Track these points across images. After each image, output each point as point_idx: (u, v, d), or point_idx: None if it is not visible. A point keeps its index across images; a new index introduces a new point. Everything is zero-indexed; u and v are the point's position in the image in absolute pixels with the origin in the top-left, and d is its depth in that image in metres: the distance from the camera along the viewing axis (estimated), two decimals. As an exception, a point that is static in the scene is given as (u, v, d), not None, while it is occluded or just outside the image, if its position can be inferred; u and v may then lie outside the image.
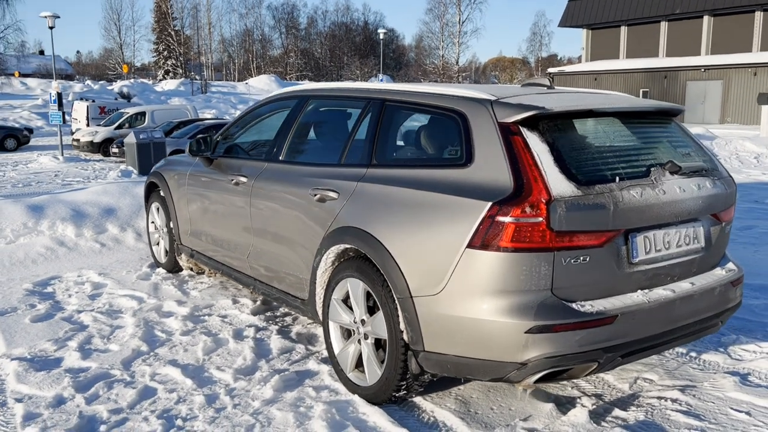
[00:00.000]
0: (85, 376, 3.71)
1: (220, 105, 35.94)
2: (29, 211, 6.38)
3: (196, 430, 3.15)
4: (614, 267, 2.89)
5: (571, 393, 3.50)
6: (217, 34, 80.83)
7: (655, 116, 3.42)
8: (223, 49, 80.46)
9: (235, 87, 52.62)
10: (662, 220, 3.02)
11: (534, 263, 2.74)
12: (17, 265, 5.90)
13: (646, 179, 2.99)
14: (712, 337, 4.26)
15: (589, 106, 3.04)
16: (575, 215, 2.76)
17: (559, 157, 2.85)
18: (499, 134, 2.91)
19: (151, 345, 4.17)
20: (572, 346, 2.76)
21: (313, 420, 3.17)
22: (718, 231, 3.34)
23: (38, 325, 4.50)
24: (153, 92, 40.86)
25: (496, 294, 2.78)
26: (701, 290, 3.15)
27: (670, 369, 3.79)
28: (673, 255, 3.10)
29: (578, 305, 2.80)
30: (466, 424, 3.14)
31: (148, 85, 44.49)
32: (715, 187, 3.28)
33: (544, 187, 2.74)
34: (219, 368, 3.83)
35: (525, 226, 2.71)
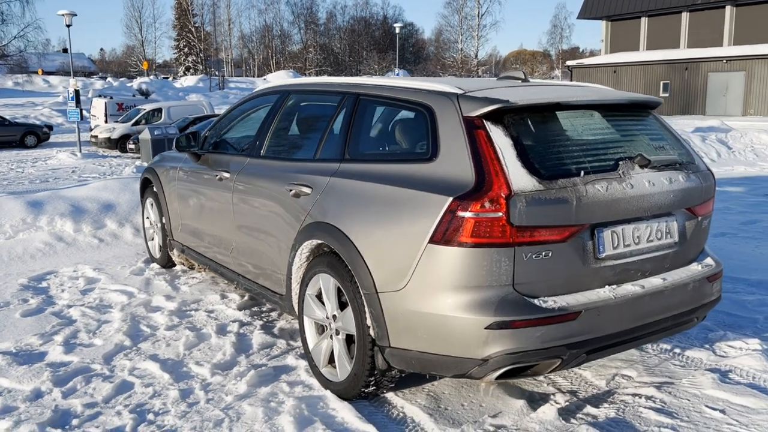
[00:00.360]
0: (65, 371, 3.75)
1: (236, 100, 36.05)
2: (28, 206, 6.48)
3: (166, 424, 3.17)
4: (579, 262, 2.84)
5: (546, 389, 3.47)
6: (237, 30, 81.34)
7: (630, 109, 3.36)
8: (243, 45, 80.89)
9: (253, 83, 52.87)
10: (631, 215, 2.97)
11: (494, 259, 2.71)
12: (15, 260, 6.00)
13: (613, 173, 2.94)
14: (699, 333, 4.20)
15: (556, 99, 3.00)
16: (536, 210, 2.72)
17: (523, 151, 2.81)
18: (464, 128, 2.88)
19: (134, 340, 4.22)
20: (533, 343, 2.73)
21: (282, 415, 3.18)
22: (693, 225, 3.28)
23: (27, 320, 4.57)
24: (172, 89, 41.24)
25: (457, 290, 2.76)
26: (673, 286, 3.10)
27: (651, 365, 3.74)
28: (643, 250, 3.04)
29: (540, 301, 2.77)
30: (434, 421, 3.12)
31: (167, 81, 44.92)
32: (689, 180, 3.21)
33: (505, 182, 2.71)
34: (198, 363, 3.85)
35: (485, 221, 2.69)
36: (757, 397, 3.26)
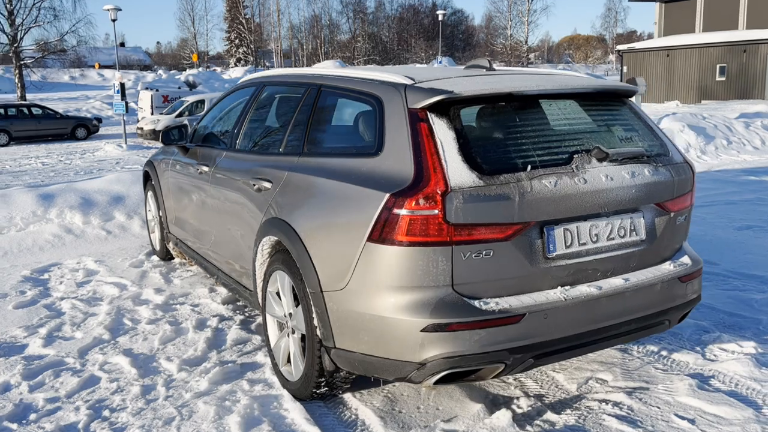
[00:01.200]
0: (38, 364, 3.80)
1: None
2: (39, 199, 6.63)
3: (118, 422, 3.16)
4: (525, 262, 2.68)
5: (512, 393, 3.32)
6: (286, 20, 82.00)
7: (598, 98, 3.15)
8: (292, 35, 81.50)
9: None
10: (588, 212, 2.79)
11: (431, 258, 2.58)
12: (24, 251, 6.15)
13: (565, 167, 2.75)
14: (692, 335, 3.96)
15: (508, 90, 2.83)
16: (476, 207, 2.57)
17: (466, 145, 2.66)
18: (407, 120, 2.75)
19: (114, 333, 4.25)
20: (472, 347, 2.59)
21: (232, 415, 3.13)
22: (665, 222, 3.06)
23: (18, 312, 4.66)
24: (219, 80, 41.89)
25: (394, 290, 2.64)
26: (636, 287, 2.90)
27: (630, 369, 3.54)
28: (602, 249, 2.85)
29: (482, 303, 2.62)
30: (383, 424, 3.02)
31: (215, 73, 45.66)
32: (657, 174, 2.99)
33: (442, 178, 2.57)
34: (168, 358, 3.84)
35: (420, 219, 2.56)
36: (732, 407, 3.03)
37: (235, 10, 77.67)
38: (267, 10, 78.73)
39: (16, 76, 30.61)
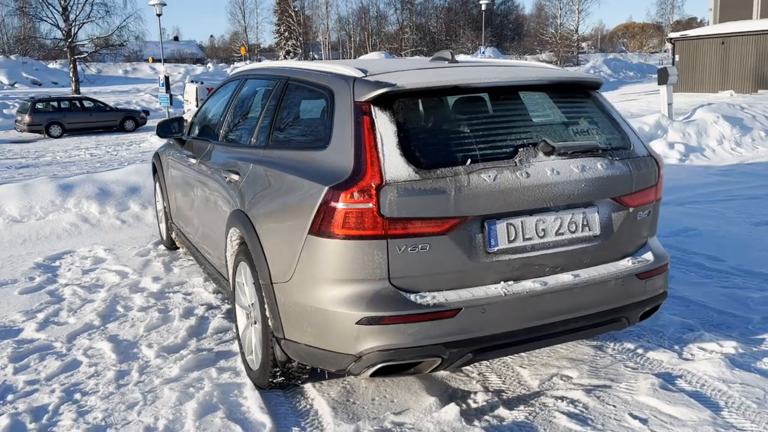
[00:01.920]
0: (27, 348, 3.98)
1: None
2: (59, 189, 6.89)
3: (86, 405, 3.28)
4: (464, 257, 2.66)
5: (472, 387, 3.30)
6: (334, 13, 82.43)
7: (558, 90, 3.09)
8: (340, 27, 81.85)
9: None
10: (532, 206, 2.74)
11: (367, 251, 2.59)
12: (42, 239, 6.41)
13: (507, 161, 2.71)
14: (674, 332, 3.86)
15: (454, 82, 2.80)
16: (411, 201, 2.57)
17: (406, 139, 2.66)
18: (353, 114, 2.77)
19: (105, 320, 4.40)
20: (406, 340, 2.60)
21: (191, 401, 3.21)
22: (624, 217, 2.98)
23: (22, 297, 4.88)
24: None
25: (333, 283, 2.67)
26: (586, 283, 2.84)
27: (599, 366, 3.47)
28: (550, 244, 2.81)
29: (418, 296, 2.62)
30: (334, 414, 3.05)
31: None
32: (612, 168, 2.92)
33: (378, 171, 2.58)
34: (149, 345, 3.96)
35: (355, 212, 2.57)
36: (690, 408, 2.95)
37: (284, 2, 78.43)
38: (316, 2, 79.29)
39: (71, 70, 31.78)
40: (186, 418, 3.07)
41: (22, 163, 15.99)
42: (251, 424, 3.01)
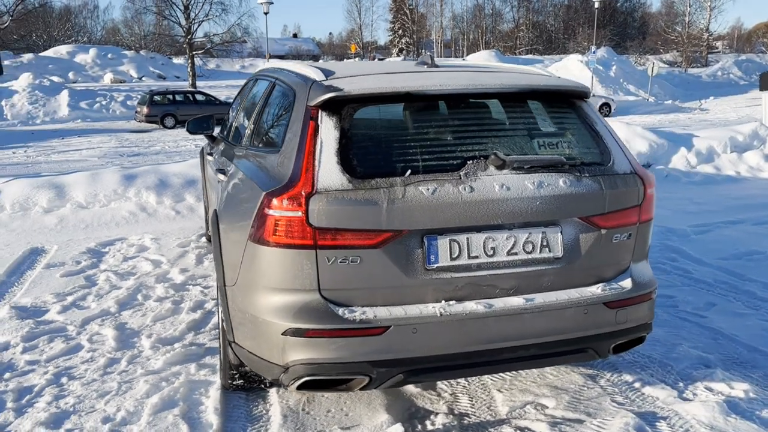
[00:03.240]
0: (42, 329, 4.22)
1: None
2: (122, 179, 7.30)
3: (67, 389, 3.43)
4: (400, 272, 2.52)
5: (436, 408, 3.14)
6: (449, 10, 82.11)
7: (529, 99, 2.86)
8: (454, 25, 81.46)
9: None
10: (479, 222, 2.55)
11: (296, 261, 2.51)
12: (102, 226, 6.81)
13: (451, 174, 2.54)
14: (687, 368, 3.50)
15: (407, 89, 2.66)
16: (341, 211, 2.46)
17: (346, 146, 2.56)
18: (302, 118, 2.70)
19: (121, 307, 4.59)
20: (330, 355, 2.50)
21: (155, 396, 3.27)
22: (594, 240, 2.71)
23: (61, 279, 5.19)
24: (373, 70, 42.93)
25: (266, 291, 2.62)
26: (539, 308, 2.61)
27: (582, 398, 3.20)
28: (501, 264, 2.60)
29: (347, 311, 2.51)
30: (282, 423, 3.00)
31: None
32: (579, 185, 2.66)
33: (311, 179, 2.49)
34: (149, 336, 4.08)
35: (284, 220, 2.50)
36: (655, 456, 2.65)
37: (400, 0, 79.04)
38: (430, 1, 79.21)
39: (189, 65, 33.72)
40: (143, 411, 3.14)
41: (134, 152, 17.09)
42: (199, 424, 3.02)
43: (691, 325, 4.11)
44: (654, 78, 33.40)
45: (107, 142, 19.42)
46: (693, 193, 8.21)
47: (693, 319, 4.21)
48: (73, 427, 3.04)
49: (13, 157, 16.39)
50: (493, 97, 2.83)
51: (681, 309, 4.40)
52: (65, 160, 15.44)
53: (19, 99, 26.80)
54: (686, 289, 4.79)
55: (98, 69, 37.41)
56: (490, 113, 2.82)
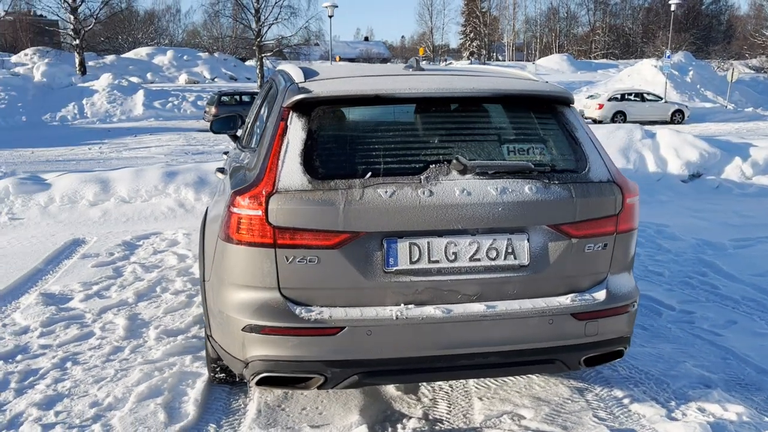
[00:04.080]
0: (62, 315, 4.44)
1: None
2: (164, 176, 7.58)
3: (69, 373, 3.60)
4: (358, 274, 2.52)
5: (411, 412, 3.12)
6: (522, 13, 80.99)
7: (507, 103, 2.80)
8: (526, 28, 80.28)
9: (524, 68, 52.33)
10: (438, 226, 2.53)
11: (257, 259, 2.56)
12: (141, 220, 7.10)
13: (411, 177, 2.52)
14: (684, 386, 3.36)
15: (375, 91, 2.66)
16: (299, 211, 2.49)
17: (311, 147, 2.59)
18: (276, 119, 2.75)
19: (139, 298, 4.78)
20: (286, 353, 2.54)
21: (143, 384, 3.38)
22: (564, 249, 2.64)
23: (91, 270, 5.45)
24: (440, 73, 42.82)
25: (231, 287, 2.67)
26: (500, 316, 2.55)
27: (564, 411, 3.11)
28: (463, 269, 2.57)
29: (303, 310, 2.54)
30: (255, 418, 3.06)
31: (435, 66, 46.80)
32: (547, 192, 2.58)
33: (273, 179, 2.54)
34: (157, 327, 4.23)
35: (246, 219, 2.56)
36: (618, 475, 2.54)
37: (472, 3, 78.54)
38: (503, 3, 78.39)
39: (258, 67, 34.61)
40: (129, 398, 3.26)
41: (199, 150, 17.68)
42: (177, 414, 3.12)
43: (703, 343, 3.93)
44: (735, 84, 31.82)
45: (176, 140, 20.15)
46: (742, 205, 7.80)
47: (707, 337, 4.02)
48: (62, 410, 3.19)
49: (88, 153, 17.27)
50: (463, 102, 2.79)
51: (696, 326, 4.21)
52: (134, 156, 16.13)
53: (98, 98, 28.17)
54: (709, 305, 4.57)
55: (174, 70, 38.93)
56: (461, 117, 2.78)
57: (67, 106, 27.29)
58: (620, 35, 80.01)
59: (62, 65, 32.82)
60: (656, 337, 4.03)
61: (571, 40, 78.68)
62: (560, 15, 78.67)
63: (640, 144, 8.57)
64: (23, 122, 25.35)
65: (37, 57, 36.52)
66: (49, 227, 6.94)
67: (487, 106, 2.80)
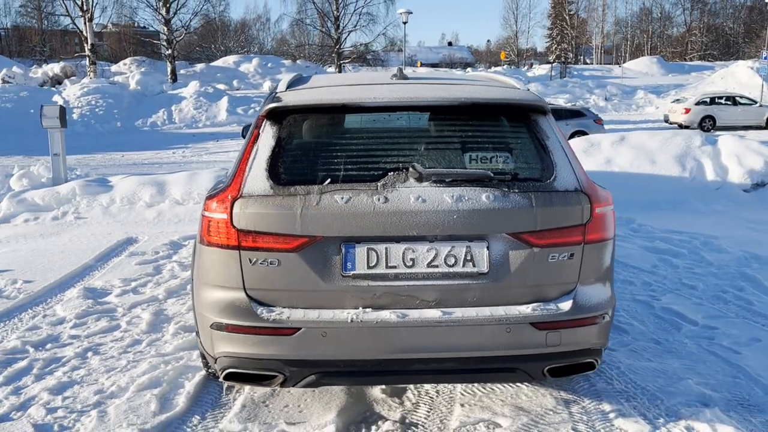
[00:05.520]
0: (96, 309, 4.76)
1: (575, 90, 35.31)
2: (215, 179, 7.91)
3: (87, 362, 3.86)
4: (316, 277, 2.61)
5: (390, 414, 3.16)
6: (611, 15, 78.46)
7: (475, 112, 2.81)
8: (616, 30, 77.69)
9: (611, 71, 50.70)
10: (395, 233, 2.57)
11: (224, 260, 2.70)
12: (192, 221, 7.46)
13: (368, 185, 2.58)
14: (679, 403, 3.25)
15: (342, 101, 2.74)
16: (260, 215, 2.61)
17: (277, 154, 2.70)
18: (253, 127, 2.89)
19: (169, 295, 5.05)
20: (247, 350, 2.65)
21: (146, 375, 3.59)
22: (525, 257, 2.61)
23: (134, 267, 5.80)
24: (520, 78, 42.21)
25: (204, 287, 2.82)
26: (455, 323, 2.56)
27: (543, 422, 3.07)
28: (420, 275, 2.60)
29: (265, 310, 2.65)
30: (237, 413, 3.18)
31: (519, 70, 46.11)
32: (505, 200, 2.57)
33: (239, 184, 2.67)
34: (177, 323, 4.47)
35: (213, 222, 2.70)
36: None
37: (559, 6, 76.83)
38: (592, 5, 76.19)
39: (337, 72, 35.35)
40: (130, 387, 3.47)
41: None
42: (168, 404, 3.29)
43: (716, 360, 3.75)
44: None
45: (251, 145, 20.81)
46: (808, 217, 7.31)
47: (723, 354, 3.83)
48: (70, 395, 3.44)
49: (172, 157, 18.20)
50: (430, 110, 2.82)
51: (715, 342, 4.02)
52: (213, 160, 16.86)
53: (186, 104, 29.56)
54: (736, 321, 4.35)
55: (258, 77, 40.27)
56: (426, 126, 2.82)
57: (157, 112, 28.78)
58: (719, 35, 76.05)
59: (155, 74, 34.72)
60: (667, 352, 3.88)
61: (665, 42, 75.47)
62: (653, 15, 75.62)
63: (699, 151, 8.18)
64: (118, 127, 26.96)
65: (134, 66, 38.80)
66: (108, 226, 7.42)
67: (456, 114, 2.81)
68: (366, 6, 35.21)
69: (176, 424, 3.14)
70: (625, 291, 5.02)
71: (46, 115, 9.31)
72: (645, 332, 4.20)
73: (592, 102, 32.31)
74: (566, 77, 41.76)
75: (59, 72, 34.42)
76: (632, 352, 3.88)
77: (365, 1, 35.29)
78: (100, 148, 19.45)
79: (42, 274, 5.64)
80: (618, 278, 5.34)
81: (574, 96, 33.19)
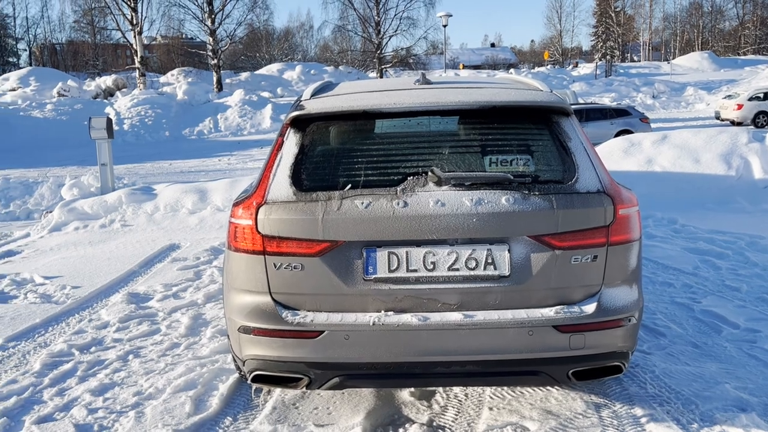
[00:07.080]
0: (138, 313, 4.92)
1: (621, 88, 34.60)
2: (255, 187, 8.07)
3: (127, 365, 3.99)
4: (339, 281, 2.65)
5: (417, 417, 3.18)
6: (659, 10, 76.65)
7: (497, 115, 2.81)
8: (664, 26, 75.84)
9: (658, 68, 49.53)
10: (416, 236, 2.60)
11: (250, 265, 2.77)
12: (233, 228, 7.61)
13: (388, 189, 2.61)
14: (716, 408, 3.18)
15: (363, 108, 2.78)
16: (284, 221, 2.67)
17: (300, 161, 2.76)
18: (278, 134, 2.96)
19: (207, 300, 5.17)
20: (273, 353, 2.72)
21: (182, 378, 3.70)
22: (548, 260, 2.60)
23: (177, 272, 5.96)
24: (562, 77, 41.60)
25: (232, 291, 2.90)
26: (479, 326, 2.57)
27: (571, 426, 3.04)
28: (441, 279, 2.62)
29: (289, 313, 2.71)
30: (269, 414, 3.24)
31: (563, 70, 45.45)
32: (526, 203, 2.56)
33: (264, 191, 2.74)
34: (214, 327, 4.58)
35: (240, 228, 2.77)
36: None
37: (605, 3, 75.44)
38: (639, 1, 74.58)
39: (378, 77, 35.56)
40: (167, 389, 3.58)
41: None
42: (202, 406, 3.39)
43: (757, 364, 3.65)
44: None
45: (294, 151, 21.08)
46: None
47: (764, 358, 3.72)
48: (110, 396, 3.57)
49: (218, 164, 18.62)
50: (451, 114, 2.83)
51: (757, 345, 3.91)
52: (257, 167, 17.14)
53: (231, 113, 30.16)
54: (781, 324, 4.22)
55: (302, 84, 40.76)
56: (446, 130, 2.83)
57: (203, 121, 29.45)
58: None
59: (202, 83, 35.51)
60: (705, 356, 3.79)
61: (717, 36, 73.28)
62: (704, 9, 73.54)
63: (746, 148, 7.94)
64: (166, 137, 27.69)
65: (182, 77, 39.76)
66: (153, 233, 7.64)
67: (476, 117, 2.82)
68: (406, 10, 35.42)
69: (209, 425, 3.22)
70: (663, 293, 4.92)
71: (94, 127, 9.66)
72: (683, 335, 4.11)
73: (638, 100, 31.63)
74: (612, 75, 40.95)
75: (111, 84, 35.56)
76: (668, 356, 3.80)
77: (406, 5, 35.53)
78: (148, 157, 20.03)
79: (89, 279, 5.85)
80: (657, 280, 5.23)
81: (620, 94, 32.54)
